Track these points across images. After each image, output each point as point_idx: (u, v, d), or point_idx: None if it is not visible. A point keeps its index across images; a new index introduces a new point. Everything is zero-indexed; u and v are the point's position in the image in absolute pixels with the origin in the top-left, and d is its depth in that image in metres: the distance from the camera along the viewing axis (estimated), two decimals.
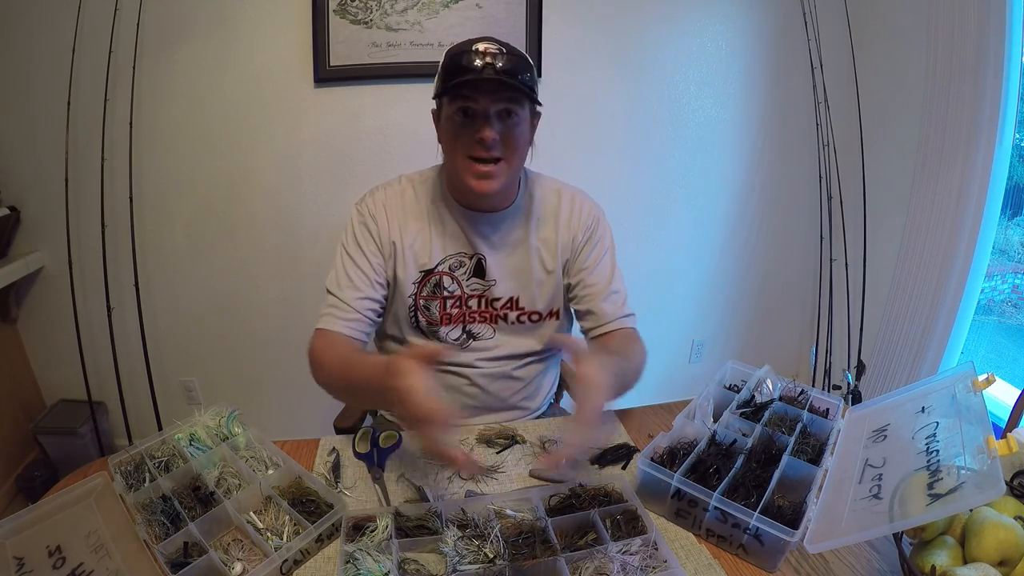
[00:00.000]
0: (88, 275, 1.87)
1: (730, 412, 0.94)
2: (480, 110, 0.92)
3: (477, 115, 0.93)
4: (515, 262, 1.08)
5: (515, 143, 0.96)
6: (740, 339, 2.49)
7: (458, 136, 0.95)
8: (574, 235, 1.09)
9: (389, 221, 1.05)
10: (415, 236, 1.05)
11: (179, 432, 0.91)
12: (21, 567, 0.70)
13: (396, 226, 1.04)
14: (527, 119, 0.98)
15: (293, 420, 2.19)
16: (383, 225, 1.04)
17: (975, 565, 0.62)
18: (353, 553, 0.70)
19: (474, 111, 0.93)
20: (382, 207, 1.05)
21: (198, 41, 1.78)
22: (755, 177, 2.24)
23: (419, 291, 1.07)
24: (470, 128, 0.94)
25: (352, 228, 1.06)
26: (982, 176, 1.69)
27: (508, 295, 1.09)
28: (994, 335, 2.05)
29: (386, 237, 1.04)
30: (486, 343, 1.10)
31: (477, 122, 0.93)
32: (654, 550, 0.72)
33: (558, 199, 1.10)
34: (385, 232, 1.04)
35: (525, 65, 0.94)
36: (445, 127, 0.98)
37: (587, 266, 1.09)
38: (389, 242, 1.04)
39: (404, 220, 1.05)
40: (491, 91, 0.91)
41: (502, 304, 1.09)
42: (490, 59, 0.90)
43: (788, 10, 2.01)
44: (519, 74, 0.92)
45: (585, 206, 1.11)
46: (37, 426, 1.97)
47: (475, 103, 0.92)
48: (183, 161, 1.89)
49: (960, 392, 0.73)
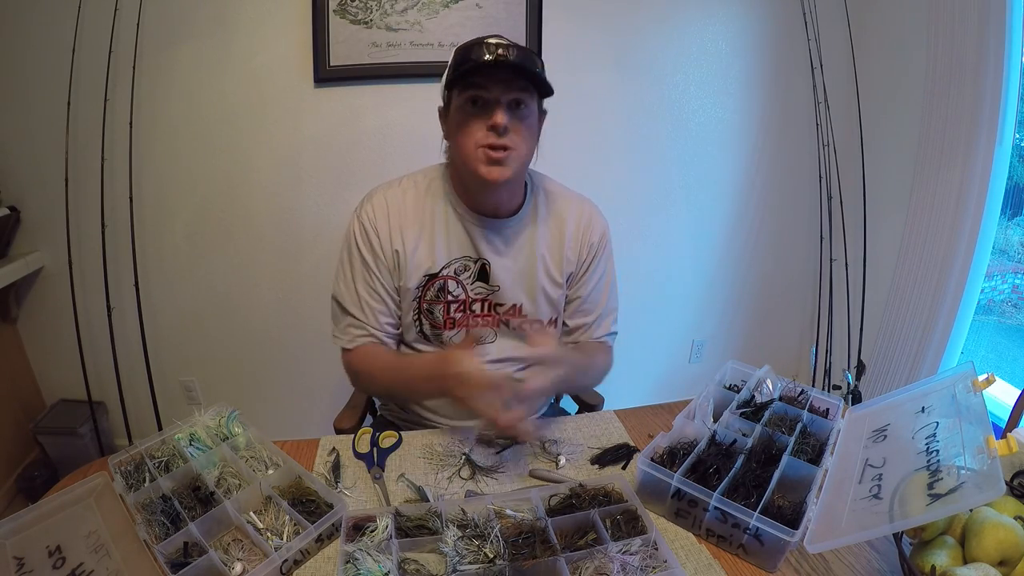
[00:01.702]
0: (88, 275, 1.87)
1: (730, 412, 0.94)
2: (491, 98, 0.92)
3: (489, 103, 0.93)
4: (520, 269, 1.08)
5: (524, 133, 0.96)
6: (740, 339, 2.49)
7: (469, 126, 0.94)
8: (580, 253, 1.11)
9: (391, 229, 1.04)
10: (418, 241, 1.04)
11: (179, 432, 0.91)
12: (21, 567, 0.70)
13: (398, 234, 1.04)
14: (536, 112, 0.98)
15: (293, 420, 2.20)
16: (384, 235, 1.03)
17: (975, 565, 0.62)
18: (353, 553, 0.70)
19: (485, 100, 0.92)
20: (384, 215, 1.04)
21: (198, 41, 1.78)
22: (755, 177, 2.24)
23: (423, 295, 1.06)
24: (481, 117, 0.93)
25: (356, 242, 1.05)
26: (982, 176, 1.69)
27: (512, 302, 1.08)
28: (994, 335, 2.04)
29: (388, 247, 1.04)
30: (487, 347, 1.10)
31: (488, 110, 0.93)
32: (654, 550, 0.72)
33: (566, 210, 1.10)
34: (387, 242, 1.04)
35: (535, 58, 0.95)
36: (455, 118, 0.97)
37: (586, 291, 1.13)
38: (392, 251, 1.04)
39: (405, 226, 1.04)
40: (502, 79, 0.91)
41: (506, 310, 1.09)
42: (502, 51, 0.90)
43: (788, 10, 2.01)
44: (529, 65, 0.92)
45: (593, 222, 1.12)
46: (37, 426, 1.97)
47: (486, 91, 0.92)
48: (183, 161, 1.89)
49: (960, 392, 0.73)
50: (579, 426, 1.05)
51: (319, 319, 1.17)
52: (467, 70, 0.91)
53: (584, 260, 1.11)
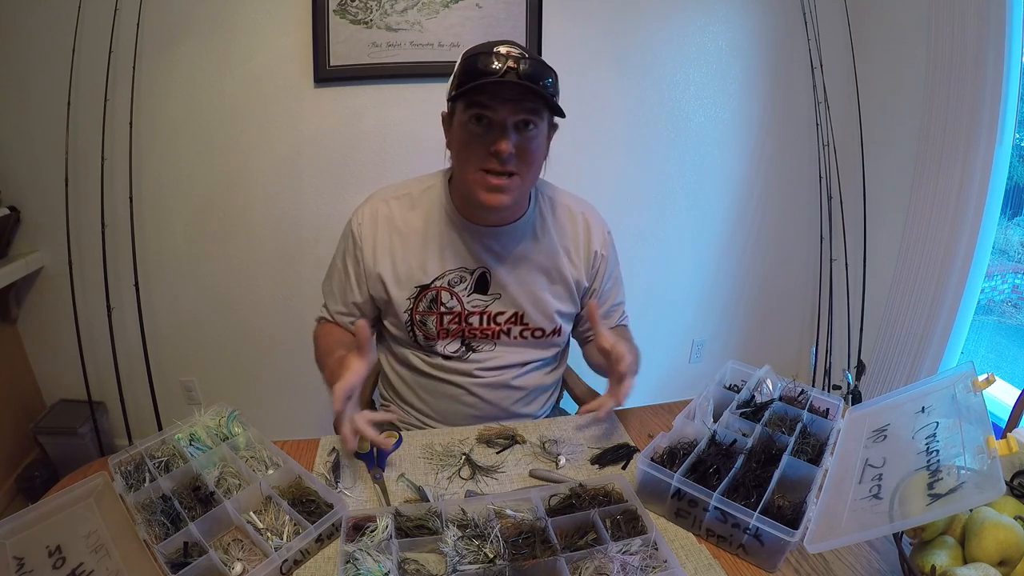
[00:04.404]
0: (88, 275, 1.87)
1: (730, 412, 0.94)
2: (497, 120, 0.87)
3: (493, 124, 0.88)
4: (521, 277, 1.06)
5: (531, 157, 0.92)
6: (740, 339, 2.49)
7: (471, 145, 0.90)
8: (585, 264, 1.10)
9: (376, 247, 1.03)
10: (409, 253, 1.03)
11: (179, 432, 0.90)
12: (21, 567, 0.70)
13: (385, 252, 1.03)
14: (545, 132, 0.94)
15: (293, 420, 2.20)
16: (368, 256, 1.04)
17: (975, 565, 0.62)
18: (353, 553, 0.70)
19: (490, 120, 0.88)
20: (371, 231, 1.04)
21: (198, 41, 1.78)
22: (755, 177, 2.24)
23: (415, 306, 1.05)
24: (485, 138, 0.89)
25: (343, 248, 1.08)
26: (982, 176, 1.69)
27: (513, 310, 1.07)
28: (994, 335, 2.04)
29: (371, 269, 1.04)
30: (486, 354, 1.10)
31: (493, 132, 0.88)
32: (654, 550, 0.72)
33: (572, 222, 1.09)
34: (370, 264, 1.04)
35: (547, 71, 0.89)
36: (457, 134, 0.93)
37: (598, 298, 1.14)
38: (375, 275, 1.04)
39: (395, 241, 1.03)
40: (510, 98, 0.86)
41: (506, 319, 1.07)
42: (512, 63, 0.84)
43: (788, 10, 2.01)
44: (541, 79, 0.87)
45: (596, 231, 1.10)
46: (37, 426, 1.97)
47: (492, 112, 0.87)
48: (183, 161, 1.89)
49: (960, 392, 0.73)
50: (579, 426, 1.05)
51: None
52: (472, 87, 0.85)
53: (590, 274, 1.11)
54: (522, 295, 1.06)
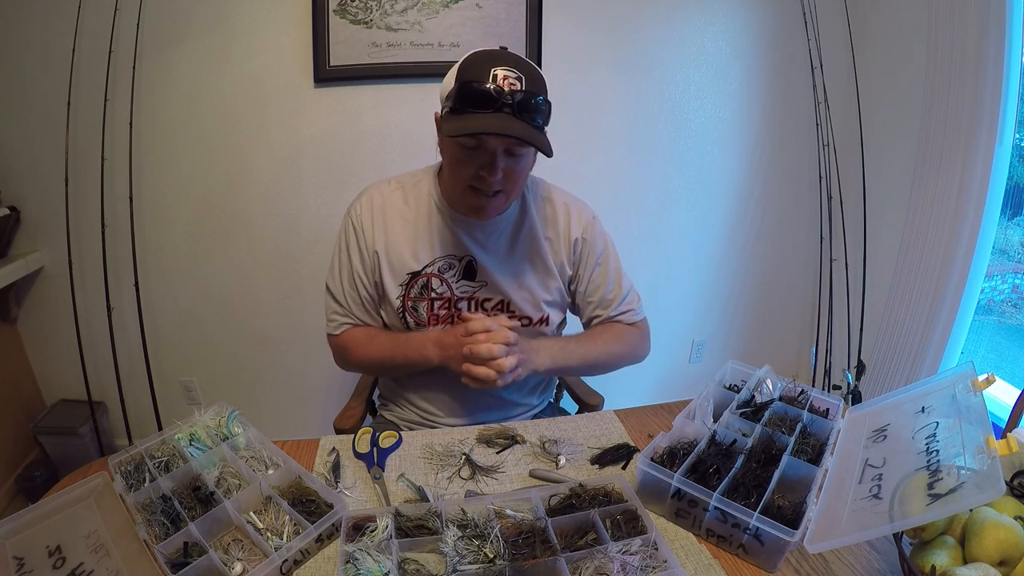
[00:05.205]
0: (88, 275, 1.87)
1: (730, 412, 0.94)
2: (488, 147, 0.90)
3: (484, 148, 0.91)
4: (505, 267, 1.09)
5: (517, 176, 0.96)
6: (740, 339, 2.49)
7: (461, 162, 0.94)
8: (567, 251, 1.11)
9: (374, 230, 1.07)
10: (401, 241, 1.07)
11: (179, 432, 0.91)
12: (21, 567, 0.70)
13: (381, 235, 1.07)
14: (533, 152, 0.97)
15: (293, 420, 2.20)
16: (368, 236, 1.07)
17: (975, 565, 0.62)
18: (353, 553, 0.70)
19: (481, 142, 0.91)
20: (368, 216, 1.08)
21: (198, 41, 1.78)
22: (755, 177, 2.24)
23: (406, 292, 1.08)
24: (475, 158, 0.92)
25: (345, 239, 1.10)
26: (982, 176, 1.69)
27: (499, 298, 1.10)
28: (994, 335, 2.04)
29: (370, 247, 1.07)
30: None
31: (483, 155, 0.91)
32: (654, 550, 0.72)
33: (553, 211, 1.11)
34: (370, 242, 1.07)
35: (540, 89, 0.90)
36: (448, 145, 0.96)
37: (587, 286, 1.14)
38: (372, 252, 1.07)
39: (390, 225, 1.07)
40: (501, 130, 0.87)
41: (493, 305, 1.10)
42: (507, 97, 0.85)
43: (788, 10, 2.01)
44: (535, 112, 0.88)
45: (576, 217, 1.12)
46: (37, 426, 1.97)
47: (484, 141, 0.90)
48: (183, 161, 1.88)
49: (960, 392, 0.73)
50: (579, 426, 1.05)
51: (319, 318, 1.18)
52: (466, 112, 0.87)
53: (574, 261, 1.13)
54: (507, 283, 1.09)
